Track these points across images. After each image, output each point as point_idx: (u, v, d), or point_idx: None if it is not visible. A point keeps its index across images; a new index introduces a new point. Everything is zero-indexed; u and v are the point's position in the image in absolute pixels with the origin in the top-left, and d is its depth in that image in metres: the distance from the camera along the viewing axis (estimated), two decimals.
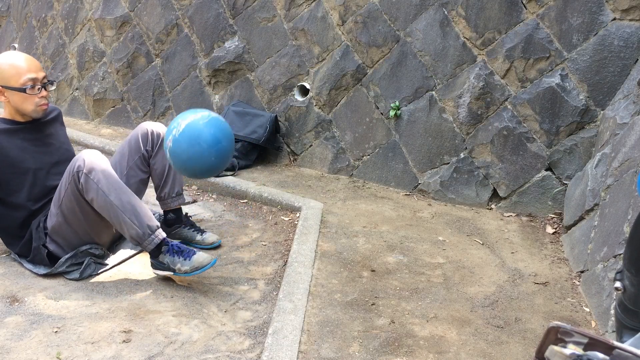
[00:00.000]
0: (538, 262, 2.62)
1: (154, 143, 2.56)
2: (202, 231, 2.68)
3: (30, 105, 2.32)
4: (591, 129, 3.02)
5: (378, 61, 3.60)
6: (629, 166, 2.39)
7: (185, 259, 2.27)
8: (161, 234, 2.29)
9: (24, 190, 2.35)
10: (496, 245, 2.78)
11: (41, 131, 2.42)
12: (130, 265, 2.48)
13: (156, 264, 2.32)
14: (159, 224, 2.31)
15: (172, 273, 2.29)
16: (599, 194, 2.60)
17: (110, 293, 2.24)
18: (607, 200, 2.48)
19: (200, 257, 2.27)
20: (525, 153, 3.15)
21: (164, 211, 2.70)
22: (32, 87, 2.29)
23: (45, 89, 2.35)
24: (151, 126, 2.57)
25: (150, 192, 2.85)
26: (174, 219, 2.68)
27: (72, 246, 2.36)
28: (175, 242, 2.35)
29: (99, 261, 2.41)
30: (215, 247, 2.68)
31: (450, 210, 3.21)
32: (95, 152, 2.28)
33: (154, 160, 2.57)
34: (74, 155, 2.54)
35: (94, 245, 2.39)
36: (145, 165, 2.58)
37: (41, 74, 2.33)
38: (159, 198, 2.67)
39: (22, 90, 2.28)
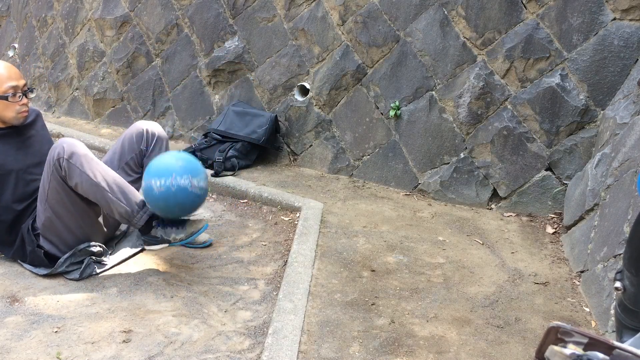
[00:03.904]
0: (538, 262, 2.62)
1: (149, 142, 2.55)
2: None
3: (11, 112, 2.33)
4: (591, 129, 3.02)
5: (378, 61, 3.60)
6: (629, 166, 2.39)
7: (178, 228, 2.30)
8: (149, 209, 2.31)
9: (7, 192, 2.35)
10: (496, 245, 2.78)
11: (22, 134, 2.43)
12: (130, 265, 2.48)
13: (148, 240, 2.34)
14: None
15: (168, 244, 2.32)
16: (599, 194, 2.60)
17: (110, 293, 2.24)
18: (607, 200, 2.48)
19: (193, 222, 2.29)
20: (525, 153, 3.15)
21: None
22: (14, 94, 2.31)
23: (26, 97, 2.38)
24: (146, 125, 2.56)
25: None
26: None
27: (66, 243, 2.35)
28: None
29: (99, 260, 2.41)
30: (207, 246, 2.67)
31: (450, 210, 3.21)
32: (73, 139, 2.28)
33: (148, 160, 2.54)
34: None
35: (91, 243, 2.38)
36: (138, 166, 2.57)
37: (22, 82, 2.35)
38: None
39: (4, 98, 2.30)
